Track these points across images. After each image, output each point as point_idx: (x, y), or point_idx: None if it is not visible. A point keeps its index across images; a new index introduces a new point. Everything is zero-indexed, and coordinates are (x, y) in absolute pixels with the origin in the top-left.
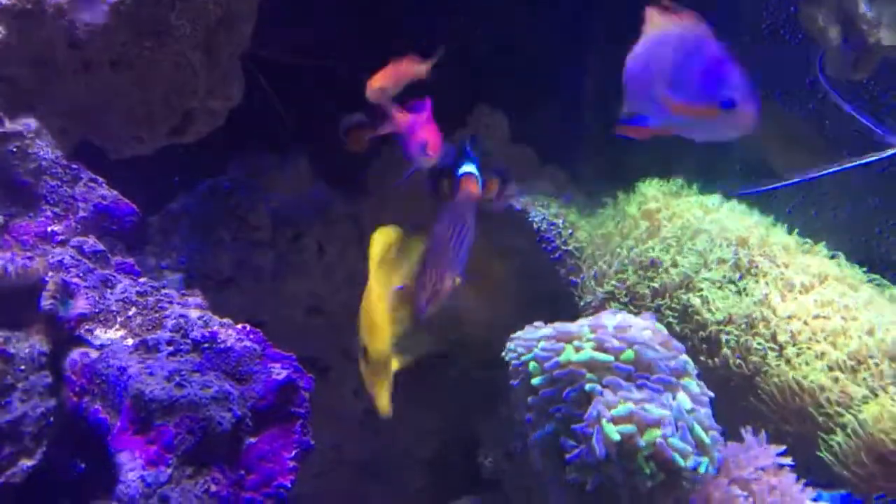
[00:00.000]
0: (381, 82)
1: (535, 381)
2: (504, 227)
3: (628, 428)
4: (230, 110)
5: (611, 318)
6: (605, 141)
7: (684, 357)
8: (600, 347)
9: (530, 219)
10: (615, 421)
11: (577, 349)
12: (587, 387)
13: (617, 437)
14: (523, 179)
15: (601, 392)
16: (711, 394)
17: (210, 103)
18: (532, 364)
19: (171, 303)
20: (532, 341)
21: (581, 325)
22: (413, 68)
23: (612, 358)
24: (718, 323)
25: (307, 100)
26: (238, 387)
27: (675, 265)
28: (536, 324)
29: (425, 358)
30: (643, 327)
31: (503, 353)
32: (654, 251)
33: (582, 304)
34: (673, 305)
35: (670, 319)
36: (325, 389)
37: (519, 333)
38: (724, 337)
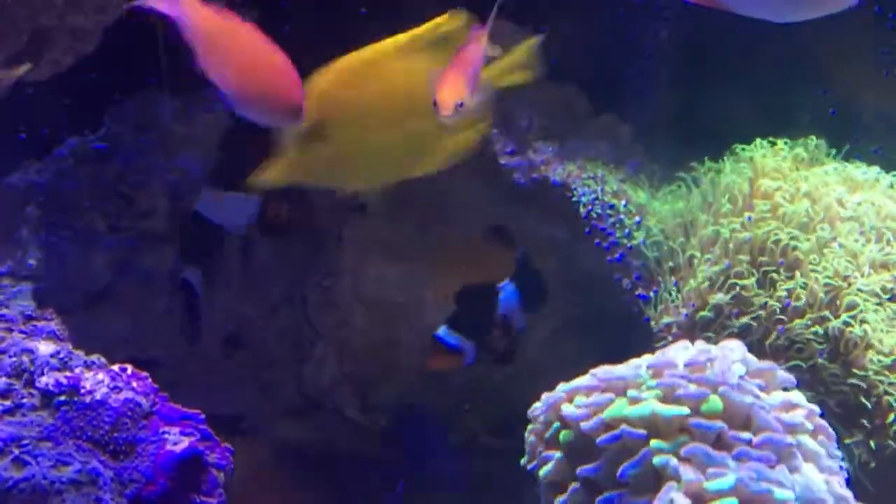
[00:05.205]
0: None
1: (558, 454)
2: (533, 210)
3: None
4: (106, 30)
5: (682, 352)
6: (694, 76)
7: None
8: (668, 396)
9: (575, 198)
10: None
11: (634, 402)
12: (655, 460)
13: None
14: (564, 136)
15: (677, 469)
16: (845, 464)
17: (75, 19)
18: (563, 433)
19: (9, 330)
20: (558, 397)
21: (636, 366)
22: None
23: (686, 411)
24: (884, 368)
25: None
26: (113, 464)
27: (815, 269)
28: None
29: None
30: (733, 360)
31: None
32: (782, 238)
33: (657, 328)
34: (808, 335)
35: (798, 360)
36: None
37: (544, 396)
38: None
